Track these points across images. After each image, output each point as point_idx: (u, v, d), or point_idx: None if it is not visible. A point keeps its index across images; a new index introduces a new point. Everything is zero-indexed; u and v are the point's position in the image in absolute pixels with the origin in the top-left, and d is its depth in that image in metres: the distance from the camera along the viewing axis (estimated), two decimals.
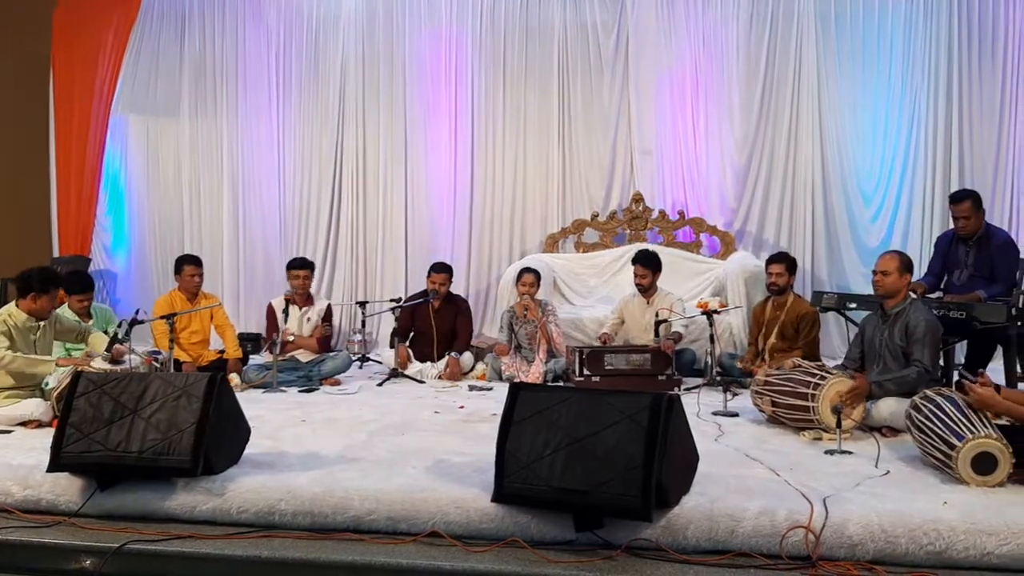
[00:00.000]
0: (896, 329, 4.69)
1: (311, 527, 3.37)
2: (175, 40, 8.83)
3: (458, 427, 4.82)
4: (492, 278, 8.30)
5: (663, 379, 5.93)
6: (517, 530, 3.22)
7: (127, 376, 3.81)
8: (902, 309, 4.72)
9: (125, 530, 3.34)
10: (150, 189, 8.95)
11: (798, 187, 7.87)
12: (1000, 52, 7.48)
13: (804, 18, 7.79)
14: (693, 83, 8.04)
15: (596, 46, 8.21)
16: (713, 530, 3.14)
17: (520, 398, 3.40)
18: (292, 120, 8.70)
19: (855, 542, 3.06)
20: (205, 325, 6.56)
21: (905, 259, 4.81)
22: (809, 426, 4.52)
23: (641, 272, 6.50)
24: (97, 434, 3.56)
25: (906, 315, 4.68)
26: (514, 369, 6.45)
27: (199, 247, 8.59)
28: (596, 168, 8.27)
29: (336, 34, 8.57)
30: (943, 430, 3.64)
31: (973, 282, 5.53)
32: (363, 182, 8.57)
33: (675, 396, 3.29)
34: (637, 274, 6.53)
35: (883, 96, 7.73)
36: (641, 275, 6.50)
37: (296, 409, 5.33)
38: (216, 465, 3.60)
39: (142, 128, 8.94)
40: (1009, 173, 7.47)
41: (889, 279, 4.73)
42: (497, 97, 8.34)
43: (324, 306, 6.74)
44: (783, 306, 6.09)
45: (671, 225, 7.97)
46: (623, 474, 3.08)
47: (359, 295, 8.39)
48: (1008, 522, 3.06)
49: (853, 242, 7.80)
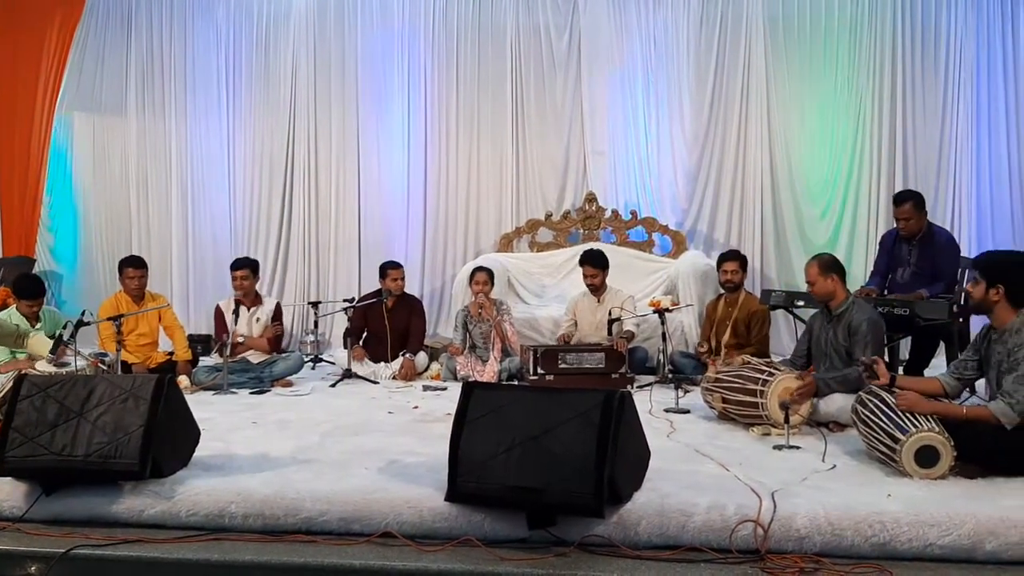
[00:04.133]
0: (840, 329, 4.79)
1: (263, 529, 3.33)
2: (121, 37, 8.68)
3: (412, 427, 4.81)
4: (446, 277, 8.29)
5: (616, 377, 5.97)
6: (470, 529, 3.22)
7: (72, 379, 3.74)
8: (845, 309, 4.81)
9: (71, 535, 3.28)
10: (96, 189, 8.79)
11: (747, 187, 7.97)
12: (943, 56, 7.65)
13: (753, 21, 7.90)
14: (644, 84, 8.12)
15: (549, 47, 8.24)
16: (664, 525, 3.17)
17: (473, 397, 3.40)
18: (242, 119, 8.60)
19: (802, 535, 3.11)
20: (153, 327, 6.46)
21: (824, 261, 4.88)
22: (758, 422, 4.59)
23: (592, 272, 6.54)
24: (42, 438, 3.48)
25: (849, 314, 4.78)
26: (468, 369, 6.44)
27: (147, 247, 8.46)
28: (550, 168, 8.30)
29: (287, 32, 8.49)
30: (887, 424, 3.72)
31: (916, 280, 5.66)
32: (315, 181, 8.50)
33: (627, 393, 3.32)
34: (587, 274, 6.57)
35: (829, 98, 7.87)
36: (592, 275, 6.55)
37: (247, 411, 5.28)
38: (165, 468, 3.55)
39: (88, 127, 8.78)
40: (951, 174, 7.64)
41: (816, 286, 4.84)
42: (450, 97, 8.33)
43: (273, 305, 6.66)
44: (735, 303, 6.20)
45: (624, 225, 8.03)
46: (576, 471, 3.09)
47: (311, 295, 8.32)
48: (950, 514, 3.13)
49: (801, 241, 7.92)
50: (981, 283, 3.81)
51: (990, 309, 3.83)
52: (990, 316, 3.86)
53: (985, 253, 4.11)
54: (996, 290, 3.77)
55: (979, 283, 3.83)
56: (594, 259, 6.57)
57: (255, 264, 6.68)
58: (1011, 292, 3.76)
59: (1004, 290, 3.75)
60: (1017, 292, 3.76)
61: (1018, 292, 3.77)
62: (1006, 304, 3.77)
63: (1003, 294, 3.76)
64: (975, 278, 3.87)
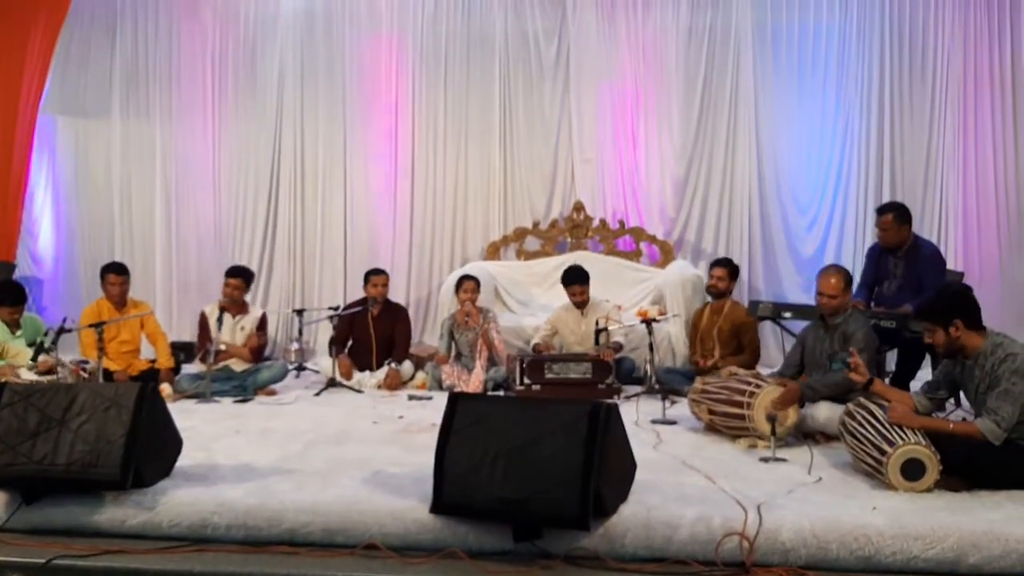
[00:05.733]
0: (836, 338, 4.81)
1: (245, 540, 3.31)
2: (106, 40, 8.60)
3: (397, 437, 4.77)
4: (433, 286, 8.25)
5: (603, 388, 5.97)
6: (455, 541, 3.21)
7: (54, 387, 3.71)
8: (842, 320, 4.84)
9: (52, 545, 3.24)
10: (79, 193, 8.70)
11: (735, 197, 7.99)
12: (930, 68, 7.69)
13: (742, 32, 7.92)
14: (633, 93, 8.12)
15: (537, 54, 8.24)
16: (650, 538, 3.17)
17: (459, 408, 3.39)
18: (228, 123, 8.53)
19: (788, 548, 3.11)
20: (135, 334, 6.40)
21: (845, 275, 4.92)
22: (744, 434, 4.59)
23: (580, 290, 6.50)
24: (22, 446, 3.45)
25: (845, 324, 4.80)
26: (454, 378, 6.41)
27: (130, 253, 8.39)
28: (537, 176, 8.29)
29: (274, 37, 8.44)
30: (874, 436, 3.74)
31: (902, 293, 5.67)
32: (301, 188, 8.46)
33: (613, 405, 3.32)
34: (576, 292, 6.52)
35: (817, 109, 7.90)
36: (580, 292, 6.51)
37: (230, 420, 5.23)
38: (147, 478, 3.52)
39: (71, 130, 8.69)
40: (937, 186, 7.68)
41: (836, 301, 4.85)
42: (438, 104, 8.31)
43: (259, 315, 6.60)
44: (721, 311, 6.20)
45: (611, 234, 8.03)
46: (561, 483, 3.08)
47: (296, 303, 8.27)
48: (934, 527, 3.15)
49: (788, 251, 7.95)
50: (937, 330, 3.90)
51: (960, 346, 3.89)
52: (963, 352, 3.91)
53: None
54: (954, 327, 3.85)
55: (935, 331, 3.91)
56: (579, 277, 6.52)
57: (251, 276, 6.65)
58: (967, 320, 3.85)
59: (962, 322, 3.84)
60: (972, 317, 3.88)
61: (973, 316, 3.88)
62: (969, 332, 3.85)
63: (963, 325, 3.84)
64: (927, 330, 3.97)
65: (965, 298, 3.97)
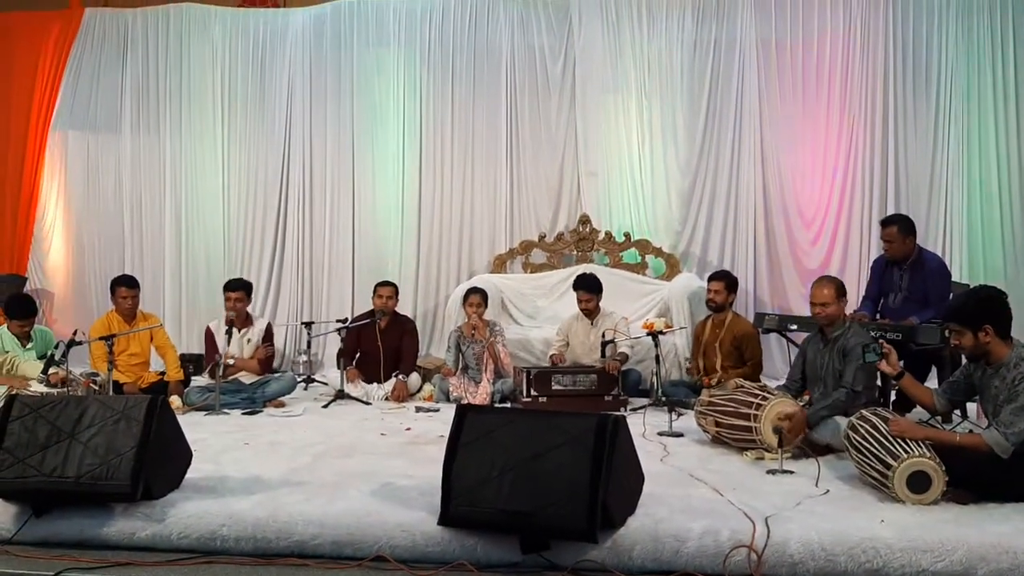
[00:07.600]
0: (835, 352, 4.80)
1: (254, 552, 3.32)
2: (117, 55, 8.71)
3: (405, 449, 4.79)
4: (440, 298, 8.28)
5: (609, 399, 5.98)
6: (463, 553, 3.21)
7: (64, 399, 3.73)
8: (841, 332, 4.83)
9: (61, 557, 3.25)
10: (89, 207, 8.77)
11: (740, 210, 8.00)
12: (934, 81, 7.70)
13: (746, 46, 7.95)
14: (638, 107, 8.15)
15: (544, 69, 8.29)
16: (658, 550, 3.17)
17: (467, 420, 3.40)
18: (237, 138, 8.62)
19: (796, 560, 3.11)
20: (145, 346, 6.43)
21: (838, 285, 4.91)
22: (751, 446, 4.58)
23: (586, 297, 6.56)
24: (32, 459, 3.47)
25: (844, 338, 4.79)
26: (461, 390, 6.44)
27: (140, 266, 8.45)
28: (543, 189, 8.33)
29: (283, 52, 8.53)
30: (879, 450, 3.73)
31: (907, 305, 5.68)
32: (309, 201, 8.52)
33: (620, 418, 3.32)
34: (582, 299, 6.58)
35: (822, 122, 7.91)
36: (586, 300, 6.56)
37: (239, 432, 5.25)
38: (156, 490, 3.53)
39: (82, 145, 8.77)
40: (943, 198, 7.67)
41: (829, 309, 4.84)
42: (445, 117, 8.36)
43: (264, 326, 6.65)
44: (722, 324, 6.22)
45: (617, 247, 8.05)
46: (569, 496, 3.09)
47: (305, 315, 8.32)
48: (942, 539, 3.14)
49: (794, 264, 7.94)
50: (966, 333, 3.83)
51: (986, 352, 3.84)
52: (987, 358, 3.86)
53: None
54: (984, 332, 3.79)
55: (963, 333, 3.84)
56: (588, 284, 6.59)
57: (249, 286, 6.68)
58: (998, 327, 3.79)
59: (992, 329, 3.78)
60: (1003, 324, 3.81)
61: (1004, 324, 3.82)
62: (997, 340, 3.80)
63: (992, 332, 3.78)
64: (955, 331, 3.89)
65: (1000, 304, 3.86)
